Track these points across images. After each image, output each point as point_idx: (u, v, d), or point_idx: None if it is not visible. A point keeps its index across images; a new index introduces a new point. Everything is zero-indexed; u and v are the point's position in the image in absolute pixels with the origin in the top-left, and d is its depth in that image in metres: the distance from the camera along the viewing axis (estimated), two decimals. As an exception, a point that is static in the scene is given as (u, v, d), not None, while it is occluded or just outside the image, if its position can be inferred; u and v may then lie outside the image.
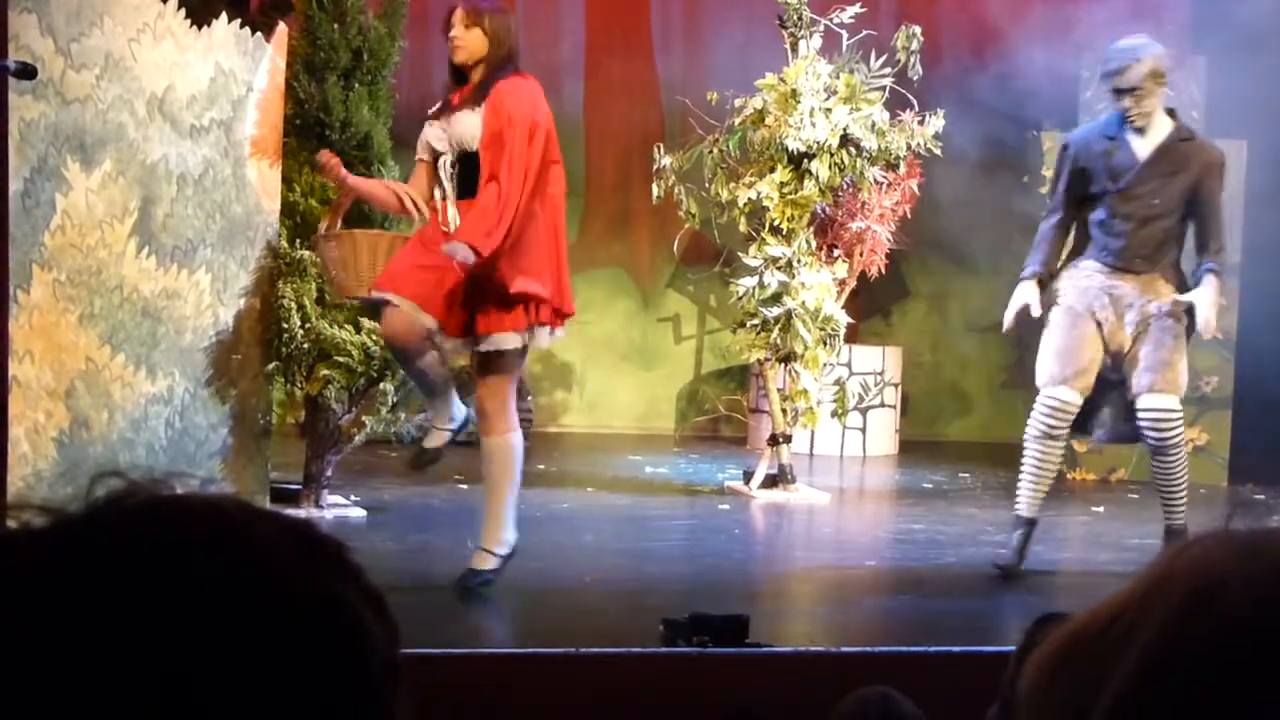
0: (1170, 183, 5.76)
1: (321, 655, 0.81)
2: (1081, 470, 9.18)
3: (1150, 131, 5.78)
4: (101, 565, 0.77)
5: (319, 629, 0.80)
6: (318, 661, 0.80)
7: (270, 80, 6.32)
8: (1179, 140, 5.81)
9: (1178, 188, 5.77)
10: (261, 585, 0.79)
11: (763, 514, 7.55)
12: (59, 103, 5.57)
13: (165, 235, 5.99)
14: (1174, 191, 5.76)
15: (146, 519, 0.81)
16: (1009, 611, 5.40)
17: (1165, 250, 5.82)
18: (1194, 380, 9.21)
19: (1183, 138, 5.83)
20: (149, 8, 5.87)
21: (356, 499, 6.91)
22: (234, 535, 0.81)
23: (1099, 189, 5.81)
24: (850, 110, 7.68)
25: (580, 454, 9.53)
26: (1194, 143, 5.87)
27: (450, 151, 5.09)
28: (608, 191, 10.98)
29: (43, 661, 0.75)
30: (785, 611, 5.43)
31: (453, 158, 5.08)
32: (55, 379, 5.62)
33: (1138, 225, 5.77)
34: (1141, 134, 5.77)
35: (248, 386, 6.30)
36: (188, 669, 0.76)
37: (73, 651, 0.75)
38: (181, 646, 0.76)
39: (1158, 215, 5.77)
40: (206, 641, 0.77)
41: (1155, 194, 5.76)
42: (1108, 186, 5.78)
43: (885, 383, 10.18)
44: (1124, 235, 5.78)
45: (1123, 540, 6.88)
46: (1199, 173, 5.78)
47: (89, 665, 0.75)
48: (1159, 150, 5.77)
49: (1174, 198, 5.77)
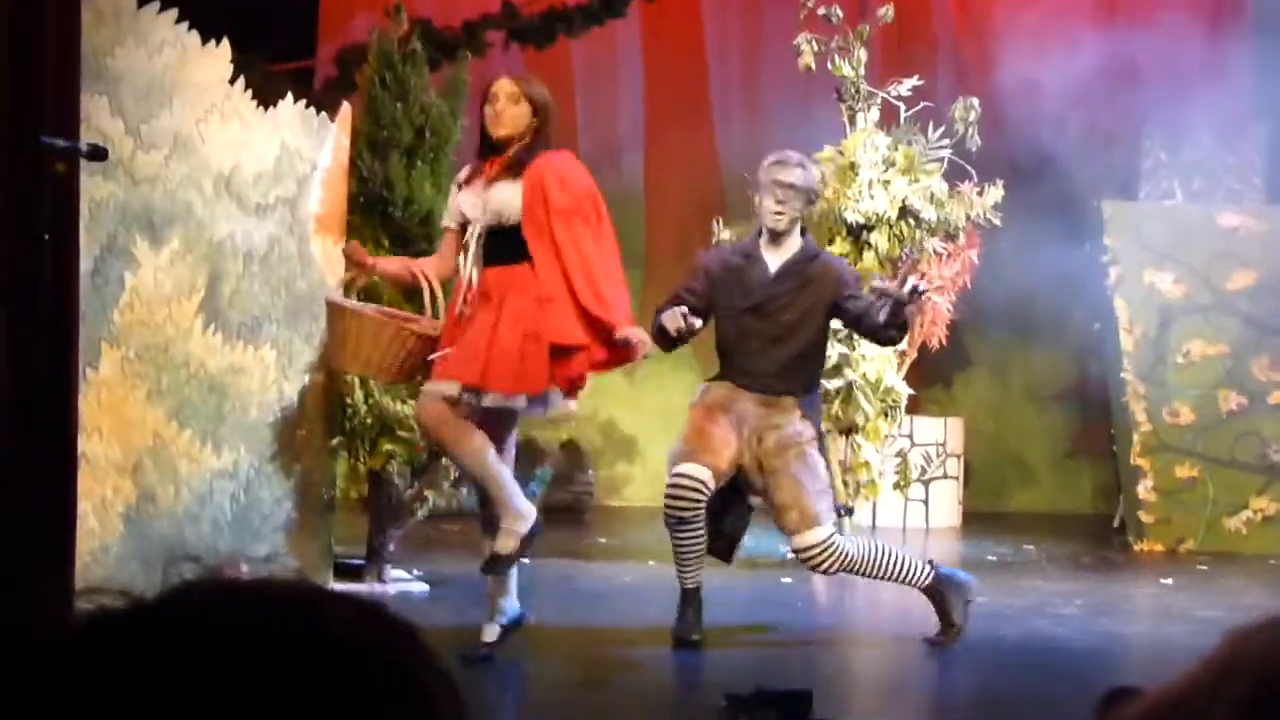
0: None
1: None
2: (1149, 541, 9.08)
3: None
4: (181, 652, 0.79)
5: (396, 712, 0.82)
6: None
7: (334, 158, 6.41)
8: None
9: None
10: (338, 670, 0.80)
11: (825, 587, 7.51)
12: (128, 182, 5.67)
13: (232, 311, 6.07)
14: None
15: (223, 605, 0.82)
16: (1077, 685, 5.33)
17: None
18: (1262, 448, 9.16)
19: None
20: (216, 88, 5.98)
21: (419, 573, 6.93)
22: (310, 620, 0.82)
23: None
24: (909, 182, 7.70)
25: (642, 528, 9.51)
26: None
27: (482, 220, 5.07)
28: (668, 263, 11.01)
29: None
30: (849, 685, 5.39)
31: (484, 226, 5.07)
32: (123, 454, 5.68)
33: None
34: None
35: (311, 461, 6.35)
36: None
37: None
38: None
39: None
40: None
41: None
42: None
43: (947, 454, 10.12)
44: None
45: (1192, 612, 6.78)
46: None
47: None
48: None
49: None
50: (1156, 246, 9.26)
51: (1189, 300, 9.21)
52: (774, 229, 5.74)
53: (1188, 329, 9.20)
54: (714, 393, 5.79)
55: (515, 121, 5.05)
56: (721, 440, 5.65)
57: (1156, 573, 8.10)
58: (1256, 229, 9.24)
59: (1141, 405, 9.18)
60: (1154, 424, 9.16)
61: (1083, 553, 8.88)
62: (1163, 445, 9.16)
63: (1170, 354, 9.19)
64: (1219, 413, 9.14)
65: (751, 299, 5.71)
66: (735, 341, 5.75)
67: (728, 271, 5.79)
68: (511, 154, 5.06)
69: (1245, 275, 9.19)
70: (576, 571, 7.50)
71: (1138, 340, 9.23)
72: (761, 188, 5.76)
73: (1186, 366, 9.18)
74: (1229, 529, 9.09)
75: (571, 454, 9.89)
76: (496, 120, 5.06)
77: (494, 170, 5.08)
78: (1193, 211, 9.35)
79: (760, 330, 5.70)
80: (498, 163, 5.10)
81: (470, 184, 5.14)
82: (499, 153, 5.11)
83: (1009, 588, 7.41)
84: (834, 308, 5.72)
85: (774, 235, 5.77)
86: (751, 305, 5.71)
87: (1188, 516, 9.11)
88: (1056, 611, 6.58)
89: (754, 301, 5.71)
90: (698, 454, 5.61)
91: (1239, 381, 9.14)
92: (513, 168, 5.04)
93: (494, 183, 5.05)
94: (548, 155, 5.06)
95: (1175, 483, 9.12)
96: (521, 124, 5.05)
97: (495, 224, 5.05)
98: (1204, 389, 9.15)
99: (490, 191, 5.05)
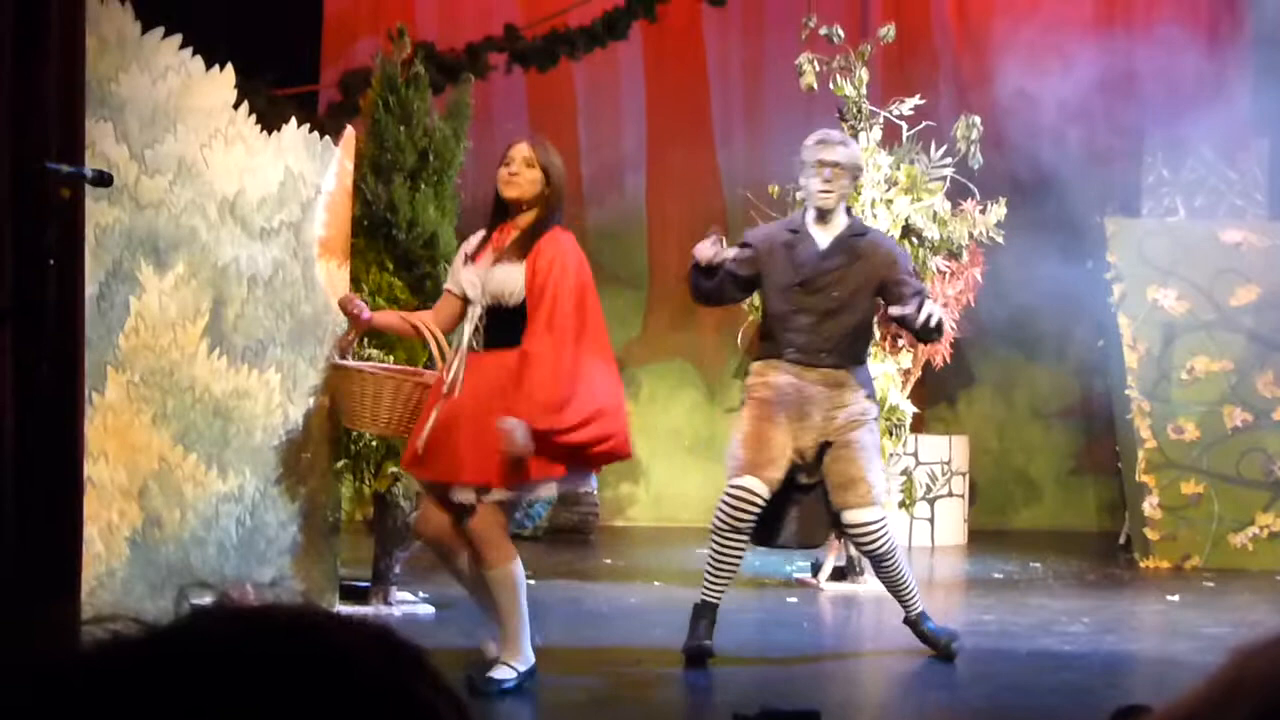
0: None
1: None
2: (1155, 558, 9.07)
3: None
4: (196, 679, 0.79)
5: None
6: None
7: (338, 182, 6.43)
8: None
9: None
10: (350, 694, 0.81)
11: (831, 606, 7.50)
12: (133, 208, 5.69)
13: (236, 335, 6.08)
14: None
15: (236, 631, 0.83)
16: (1085, 703, 5.32)
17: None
18: (1267, 464, 9.15)
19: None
20: (220, 114, 6.00)
21: (425, 595, 6.93)
22: (321, 646, 0.83)
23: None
24: (912, 200, 7.71)
25: (647, 548, 9.51)
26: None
27: (481, 302, 5.03)
28: (671, 284, 11.04)
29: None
30: (856, 705, 5.38)
31: (483, 308, 5.03)
32: (129, 479, 5.69)
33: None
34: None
35: (317, 484, 6.35)
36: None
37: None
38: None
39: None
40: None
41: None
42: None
43: (952, 472, 10.11)
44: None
45: (1198, 629, 6.77)
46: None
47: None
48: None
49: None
50: (1159, 263, 9.27)
51: (1192, 316, 9.21)
52: (822, 207, 5.85)
53: (1191, 345, 9.20)
54: (773, 381, 5.82)
55: (526, 186, 5.05)
56: (780, 447, 5.75)
57: (1162, 589, 8.09)
58: (1259, 245, 9.25)
59: (1146, 422, 9.18)
60: (1159, 440, 9.16)
61: (1089, 570, 8.87)
62: (1168, 462, 9.16)
63: (1174, 370, 9.20)
64: (1224, 429, 9.13)
65: (802, 274, 5.80)
66: (786, 317, 5.82)
67: (776, 247, 5.87)
68: (520, 233, 5.05)
69: (1249, 291, 9.20)
70: (582, 592, 7.49)
71: (1142, 357, 9.24)
72: (806, 167, 5.86)
73: (1191, 383, 9.18)
74: (1235, 545, 9.08)
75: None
76: (509, 182, 5.07)
77: (502, 244, 5.07)
78: (1195, 228, 9.36)
79: (812, 305, 5.78)
80: (506, 234, 5.09)
81: (477, 258, 5.12)
82: (508, 217, 5.12)
83: (1015, 605, 7.40)
84: (882, 287, 5.83)
85: (821, 213, 5.87)
86: (801, 280, 5.79)
87: (1193, 533, 9.10)
88: (1063, 629, 6.57)
89: (804, 276, 5.79)
90: (758, 467, 5.72)
91: (1243, 398, 9.14)
92: (519, 248, 5.00)
93: (498, 263, 5.02)
94: (554, 234, 5.03)
95: (1181, 499, 9.11)
96: (532, 190, 5.05)
97: (495, 304, 5.02)
98: (1208, 405, 9.15)
99: (492, 272, 5.02)
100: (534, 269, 4.93)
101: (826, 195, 5.81)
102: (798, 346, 5.78)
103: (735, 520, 5.76)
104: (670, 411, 11.00)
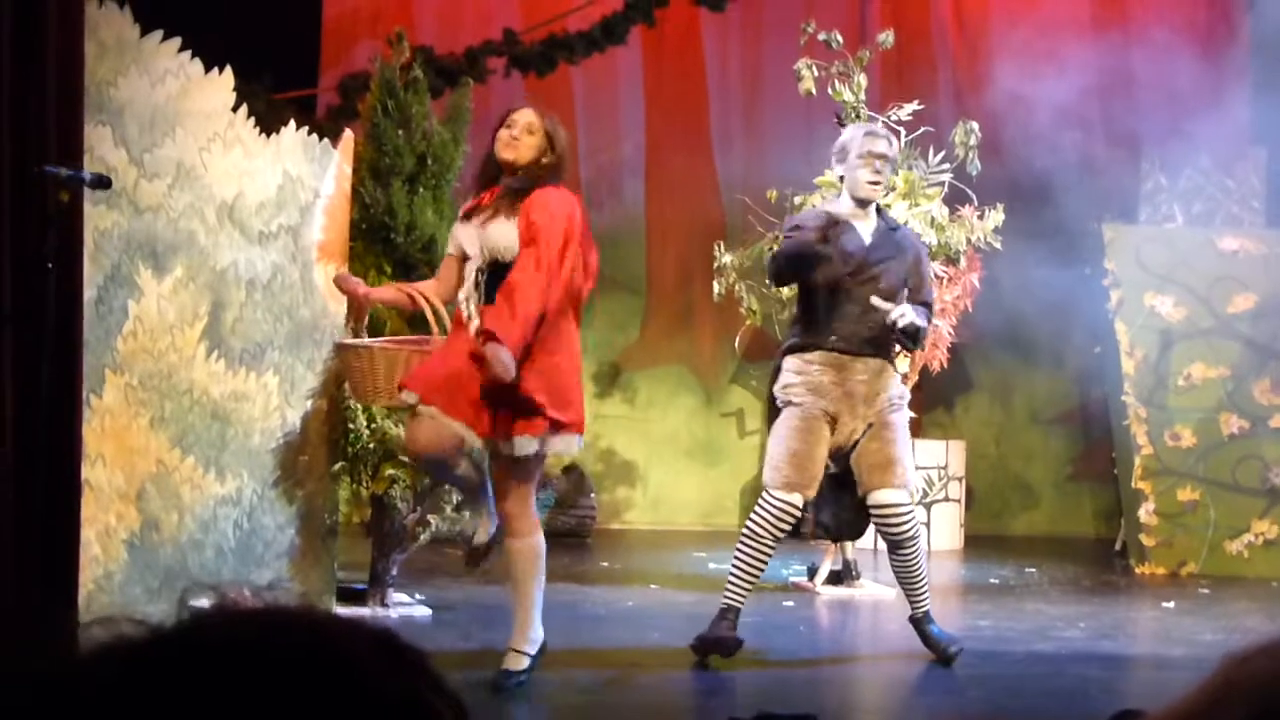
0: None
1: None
2: (1150, 564, 9.07)
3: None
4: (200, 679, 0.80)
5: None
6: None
7: (337, 186, 6.44)
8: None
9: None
10: (351, 695, 0.82)
11: (828, 610, 7.51)
12: (132, 211, 5.69)
13: (234, 339, 6.09)
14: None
15: (240, 634, 0.83)
16: (1080, 709, 5.33)
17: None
18: (1264, 471, 9.17)
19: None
20: (219, 117, 6.00)
21: (422, 598, 6.93)
22: (323, 647, 0.84)
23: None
24: (909, 206, 7.71)
25: (644, 551, 9.52)
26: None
27: (481, 258, 5.01)
28: (669, 289, 11.05)
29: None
30: (852, 709, 5.39)
31: (483, 264, 5.01)
32: (126, 482, 5.70)
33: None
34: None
35: (314, 487, 6.36)
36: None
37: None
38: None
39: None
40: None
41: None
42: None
43: (949, 477, 10.12)
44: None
45: (1194, 636, 6.78)
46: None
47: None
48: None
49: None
50: (1157, 270, 9.28)
51: (1190, 323, 9.23)
52: (869, 198, 5.92)
53: (1189, 352, 9.21)
54: (814, 382, 5.84)
55: (524, 151, 5.00)
56: (820, 461, 5.81)
57: (1158, 596, 8.10)
58: (1256, 252, 9.27)
59: (1143, 428, 9.19)
60: (1155, 447, 9.17)
61: (1085, 576, 8.87)
62: (1164, 468, 9.17)
63: (1171, 377, 9.21)
64: (1220, 436, 9.15)
65: (850, 264, 5.83)
66: (833, 306, 5.85)
67: (825, 236, 5.88)
68: (505, 185, 5.01)
69: (1246, 298, 9.21)
70: (579, 595, 7.50)
71: (1139, 363, 9.25)
72: (851, 157, 5.89)
73: (1187, 390, 9.19)
74: (1231, 552, 9.09)
75: (573, 478, 9.89)
76: (508, 144, 5.02)
77: (491, 203, 5.03)
78: (1193, 235, 9.37)
79: (859, 295, 5.82)
80: (495, 192, 5.06)
81: (471, 218, 5.09)
82: (498, 180, 5.08)
83: (1011, 611, 7.41)
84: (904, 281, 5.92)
85: (863, 204, 5.92)
86: (851, 270, 5.83)
87: (1189, 540, 9.11)
88: (1059, 634, 6.58)
89: (853, 267, 5.83)
90: (803, 486, 5.77)
91: (1240, 405, 9.15)
92: (509, 201, 4.97)
93: (492, 219, 4.98)
94: (544, 190, 4.97)
95: (1177, 506, 9.12)
96: (529, 155, 5.01)
97: (493, 260, 5.00)
98: (1205, 412, 9.16)
99: (488, 229, 4.98)
100: (527, 222, 4.91)
101: (875, 186, 5.89)
102: (843, 335, 5.82)
103: (774, 531, 5.81)
104: (668, 416, 11.00)
